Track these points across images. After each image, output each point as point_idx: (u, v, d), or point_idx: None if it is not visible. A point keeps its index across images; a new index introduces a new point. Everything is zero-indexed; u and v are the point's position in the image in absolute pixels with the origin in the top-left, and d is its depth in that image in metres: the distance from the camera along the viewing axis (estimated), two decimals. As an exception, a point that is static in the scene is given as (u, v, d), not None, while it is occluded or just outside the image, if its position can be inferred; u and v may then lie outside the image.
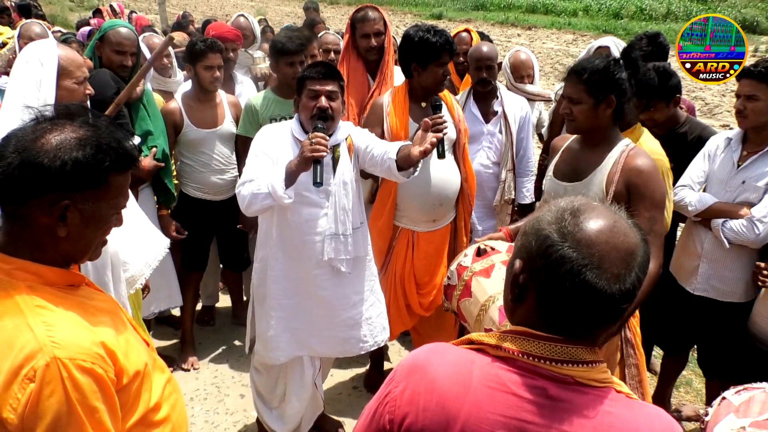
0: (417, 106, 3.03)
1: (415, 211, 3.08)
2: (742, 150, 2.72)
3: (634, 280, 1.02)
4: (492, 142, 3.45)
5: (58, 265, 1.30)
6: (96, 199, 1.26)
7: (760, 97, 2.58)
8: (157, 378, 1.43)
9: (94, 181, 1.24)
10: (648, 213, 2.18)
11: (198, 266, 3.86)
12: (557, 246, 1.02)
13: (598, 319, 1.05)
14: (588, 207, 1.07)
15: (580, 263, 1.00)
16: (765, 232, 2.55)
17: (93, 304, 1.34)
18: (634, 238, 1.05)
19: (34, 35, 4.11)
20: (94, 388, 1.19)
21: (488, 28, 21.60)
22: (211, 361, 3.85)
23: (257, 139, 2.65)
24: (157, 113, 3.45)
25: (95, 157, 1.23)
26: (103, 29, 3.29)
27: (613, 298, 1.01)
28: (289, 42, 3.42)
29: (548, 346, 1.05)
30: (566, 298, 1.02)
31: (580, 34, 19.71)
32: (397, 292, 3.20)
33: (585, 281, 1.00)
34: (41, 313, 1.20)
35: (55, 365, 1.14)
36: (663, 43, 3.56)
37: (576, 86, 2.25)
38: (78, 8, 23.85)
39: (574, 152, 2.42)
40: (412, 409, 1.09)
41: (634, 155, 2.24)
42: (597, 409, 1.03)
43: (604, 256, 1.01)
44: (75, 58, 2.42)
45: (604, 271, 1.00)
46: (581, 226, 1.03)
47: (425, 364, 1.13)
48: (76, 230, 1.26)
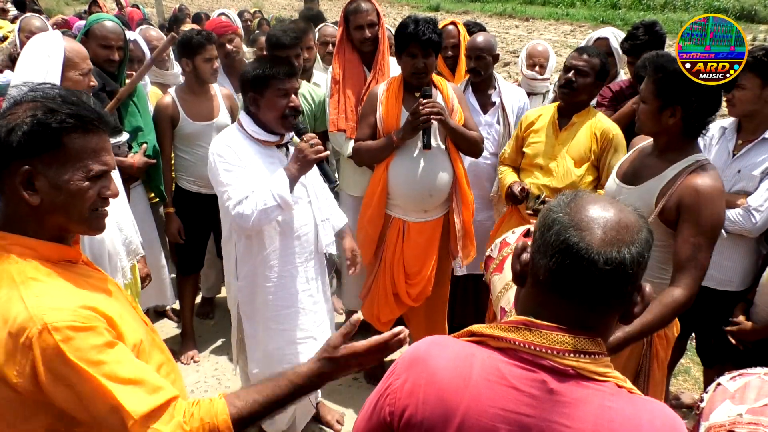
0: (411, 96, 3.04)
1: (405, 201, 3.09)
2: (737, 139, 2.73)
3: (624, 254, 1.00)
4: (490, 133, 3.45)
5: (54, 239, 1.34)
6: (59, 163, 1.28)
7: (747, 86, 2.58)
8: (155, 356, 1.45)
9: (47, 144, 1.26)
10: (694, 239, 1.97)
11: (194, 269, 3.87)
12: (553, 214, 1.06)
13: (587, 294, 1.02)
14: (595, 198, 1.08)
15: (566, 224, 1.03)
16: (762, 221, 2.56)
17: (88, 281, 1.37)
18: (632, 217, 1.05)
19: (35, 29, 4.10)
20: (91, 343, 1.21)
21: (486, 20, 21.53)
22: (212, 353, 3.87)
23: (218, 152, 2.52)
24: (147, 109, 3.44)
25: (45, 120, 1.25)
26: (89, 23, 3.26)
27: (594, 264, 0.99)
28: (284, 36, 3.43)
29: (549, 335, 1.04)
30: (554, 264, 1.03)
31: (577, 24, 19.66)
32: (386, 280, 3.22)
33: (567, 241, 1.01)
34: (33, 285, 1.24)
35: (47, 332, 1.18)
36: (660, 31, 3.56)
37: (647, 83, 2.10)
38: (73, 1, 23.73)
39: (642, 155, 2.27)
40: (412, 402, 1.10)
41: (700, 173, 2.02)
42: (597, 403, 1.02)
43: (593, 221, 1.02)
44: (80, 50, 2.48)
45: (588, 233, 1.01)
46: (580, 202, 1.06)
47: (426, 356, 1.13)
48: (49, 198, 1.28)
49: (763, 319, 2.55)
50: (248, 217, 2.42)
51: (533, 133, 3.09)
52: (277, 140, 2.61)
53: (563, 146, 2.94)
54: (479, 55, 3.37)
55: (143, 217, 3.47)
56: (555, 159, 2.96)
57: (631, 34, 3.54)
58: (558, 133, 2.99)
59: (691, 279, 1.97)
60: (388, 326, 3.43)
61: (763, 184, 2.59)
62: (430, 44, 2.89)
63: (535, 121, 3.10)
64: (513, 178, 3.15)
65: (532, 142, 3.08)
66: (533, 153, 3.06)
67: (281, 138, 2.62)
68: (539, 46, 4.09)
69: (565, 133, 2.97)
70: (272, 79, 2.49)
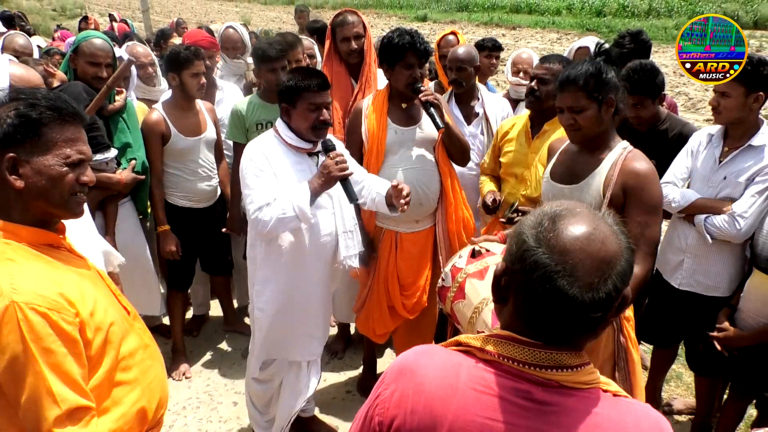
0: (397, 108, 3.06)
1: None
2: (723, 146, 2.75)
3: (609, 290, 1.00)
4: (474, 144, 3.47)
5: (37, 225, 1.48)
6: (39, 151, 1.45)
7: (731, 94, 2.62)
8: (130, 341, 1.58)
9: (27, 133, 1.43)
10: (641, 218, 2.14)
11: (185, 285, 3.86)
12: (532, 251, 1.02)
13: (572, 327, 1.04)
14: (570, 213, 1.05)
15: (552, 270, 0.99)
16: (746, 227, 2.58)
17: (65, 265, 1.50)
18: (614, 247, 1.03)
19: (18, 47, 4.09)
20: (49, 331, 1.34)
21: (473, 29, 21.70)
22: (204, 369, 3.84)
23: (251, 156, 2.60)
24: (137, 125, 3.43)
25: (27, 112, 1.43)
26: (77, 41, 3.26)
27: (584, 306, 0.99)
28: (269, 48, 3.44)
29: (531, 352, 1.05)
30: (539, 303, 1.02)
31: (564, 32, 19.83)
32: (380, 293, 3.22)
33: (556, 288, 0.99)
34: (8, 266, 1.38)
35: (13, 308, 1.32)
36: (645, 40, 3.60)
37: (575, 94, 2.19)
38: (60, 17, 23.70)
39: (571, 154, 2.38)
40: (401, 412, 1.10)
41: (633, 158, 2.20)
42: (583, 410, 1.03)
43: (578, 264, 0.99)
44: (29, 79, 2.27)
45: (576, 279, 0.98)
46: (558, 233, 1.02)
47: (414, 366, 1.14)
48: (33, 182, 1.44)
49: (748, 324, 2.57)
50: (266, 223, 2.49)
51: (507, 142, 3.12)
52: (310, 147, 2.66)
53: (536, 155, 2.96)
54: (460, 66, 3.40)
55: (133, 231, 3.46)
56: (528, 168, 2.99)
57: (617, 43, 3.57)
58: (530, 142, 3.01)
59: (644, 254, 2.13)
60: (384, 338, 3.43)
61: (748, 191, 2.61)
62: (426, 54, 2.94)
63: (510, 130, 3.13)
64: (490, 187, 3.19)
65: (507, 151, 3.11)
66: (508, 162, 3.09)
67: (314, 146, 2.67)
68: (524, 54, 4.16)
69: (537, 141, 2.99)
70: (304, 91, 2.55)
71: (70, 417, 1.34)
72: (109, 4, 33.35)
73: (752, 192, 2.60)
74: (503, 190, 3.14)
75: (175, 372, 3.71)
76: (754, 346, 2.55)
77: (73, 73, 3.24)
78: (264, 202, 2.49)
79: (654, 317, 3.07)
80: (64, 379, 1.35)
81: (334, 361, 3.89)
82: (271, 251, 2.68)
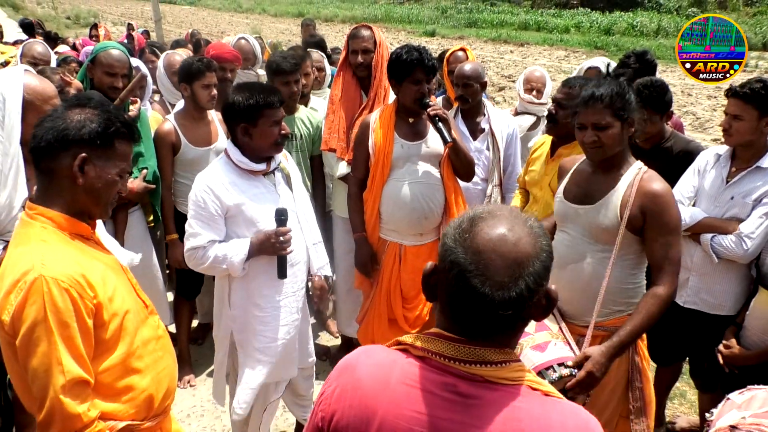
0: (404, 123, 3.10)
1: (399, 224, 3.12)
2: (731, 166, 2.77)
3: (521, 289, 1.03)
4: (480, 159, 3.50)
5: (73, 215, 1.63)
6: (106, 158, 1.63)
7: (744, 117, 2.63)
8: (145, 331, 1.71)
9: (104, 142, 1.61)
10: (663, 239, 2.15)
11: (193, 293, 3.89)
12: (450, 251, 1.07)
13: (488, 324, 1.07)
14: (489, 215, 1.10)
15: (465, 269, 1.04)
16: (753, 247, 2.59)
17: (92, 253, 1.66)
18: (527, 248, 1.06)
19: (37, 54, 4.15)
20: (69, 306, 1.49)
21: (481, 45, 21.84)
22: (209, 377, 3.85)
23: (195, 191, 2.55)
24: (149, 135, 3.47)
25: (105, 124, 1.62)
26: (95, 51, 3.32)
27: (494, 304, 1.03)
28: (284, 62, 3.50)
29: (456, 347, 1.09)
30: (457, 301, 1.07)
31: (572, 50, 19.93)
32: (382, 305, 3.23)
33: (469, 286, 1.03)
34: (42, 246, 1.54)
35: (41, 281, 1.47)
36: (650, 60, 3.64)
37: (601, 111, 2.17)
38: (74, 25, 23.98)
39: (585, 174, 2.36)
40: (340, 407, 1.16)
41: (649, 179, 2.19)
42: (507, 404, 1.06)
43: (489, 263, 1.03)
44: (43, 91, 2.23)
45: (487, 278, 1.03)
46: (473, 234, 1.07)
47: (355, 364, 1.20)
48: (91, 181, 1.61)
49: (753, 343, 2.58)
50: (197, 264, 2.58)
51: (533, 160, 3.16)
52: (263, 169, 2.61)
53: (549, 177, 2.98)
54: (466, 83, 3.44)
55: (142, 239, 3.49)
56: (542, 189, 3.01)
57: (622, 63, 3.61)
58: (548, 164, 3.04)
59: (669, 275, 2.16)
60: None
61: (755, 212, 2.63)
62: (433, 70, 2.99)
63: (538, 148, 3.16)
64: (515, 203, 3.23)
65: (530, 170, 3.16)
66: (529, 180, 3.13)
67: (268, 166, 2.63)
68: (536, 72, 4.19)
69: (552, 164, 3.01)
70: (266, 109, 2.51)
71: (72, 388, 1.49)
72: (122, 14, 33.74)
73: (759, 213, 2.62)
74: (527, 207, 3.17)
75: (180, 380, 3.73)
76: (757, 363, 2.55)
77: (89, 83, 3.30)
78: (199, 244, 2.52)
79: (658, 335, 3.07)
80: (74, 352, 1.49)
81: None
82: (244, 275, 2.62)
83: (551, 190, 2.93)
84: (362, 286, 3.35)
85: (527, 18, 26.99)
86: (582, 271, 2.27)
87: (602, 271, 2.22)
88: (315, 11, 35.19)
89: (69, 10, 30.20)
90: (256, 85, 2.65)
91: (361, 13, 33.32)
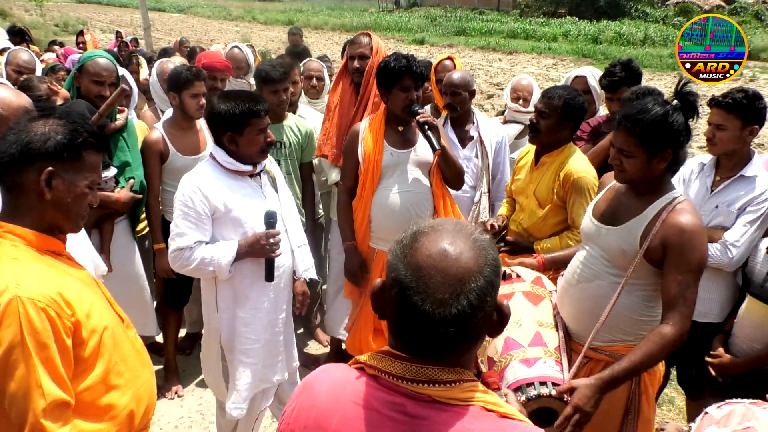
0: (394, 131, 3.12)
1: (388, 233, 3.12)
2: (714, 175, 2.80)
3: (463, 306, 1.00)
4: (468, 167, 3.51)
5: (43, 231, 1.58)
6: (74, 170, 1.58)
7: (727, 127, 2.67)
8: (123, 347, 1.67)
9: (71, 154, 1.56)
10: (681, 277, 1.99)
11: (181, 303, 3.86)
12: (392, 267, 1.06)
13: (432, 342, 1.04)
14: (432, 230, 1.07)
15: (406, 285, 1.02)
16: (738, 255, 2.62)
17: (65, 270, 1.61)
18: (469, 263, 1.03)
19: (22, 62, 4.12)
20: (47, 327, 1.43)
21: (470, 53, 21.97)
22: (196, 388, 3.82)
23: (183, 191, 2.56)
24: (136, 144, 3.46)
25: (72, 135, 1.57)
26: (82, 60, 3.31)
27: (435, 321, 1.00)
28: (272, 71, 3.49)
29: (404, 366, 1.06)
30: (401, 318, 1.05)
31: (560, 58, 20.08)
32: (369, 314, 3.23)
33: (410, 303, 1.01)
34: (15, 265, 1.49)
35: (16, 302, 1.41)
36: (635, 68, 3.68)
37: (627, 138, 2.06)
38: (62, 32, 23.86)
39: (618, 194, 2.26)
40: (298, 426, 1.15)
41: (680, 211, 2.04)
42: (454, 425, 1.02)
43: (429, 280, 1.01)
44: (14, 103, 2.10)
45: (428, 296, 1.00)
46: (414, 249, 1.04)
47: (313, 382, 1.20)
48: (59, 195, 1.56)
49: (741, 350, 2.60)
50: (183, 266, 2.54)
51: (519, 169, 3.17)
52: (250, 170, 2.63)
53: (534, 185, 2.99)
54: (454, 91, 3.45)
55: (128, 250, 3.47)
56: (528, 197, 3.02)
57: (608, 71, 3.64)
58: (533, 172, 3.06)
59: (680, 316, 2.00)
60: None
61: (739, 220, 2.66)
62: (422, 78, 3.00)
63: (523, 157, 3.18)
64: (503, 211, 3.24)
65: (516, 179, 3.16)
66: (515, 189, 3.14)
67: (254, 167, 2.65)
68: (524, 81, 4.21)
69: (536, 172, 3.01)
70: (252, 118, 2.53)
71: (53, 411, 1.44)
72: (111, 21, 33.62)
73: (744, 221, 2.65)
74: (513, 215, 3.16)
75: (168, 391, 3.69)
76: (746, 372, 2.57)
77: (76, 91, 3.28)
78: (185, 245, 2.50)
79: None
80: (53, 374, 1.44)
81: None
82: (231, 277, 2.62)
83: (536, 199, 2.95)
84: (352, 295, 3.34)
85: (516, 26, 27.20)
86: (591, 291, 2.20)
87: (611, 295, 2.13)
88: (305, 19, 35.28)
89: (57, 18, 30.06)
90: (242, 94, 2.64)
91: (351, 21, 33.44)
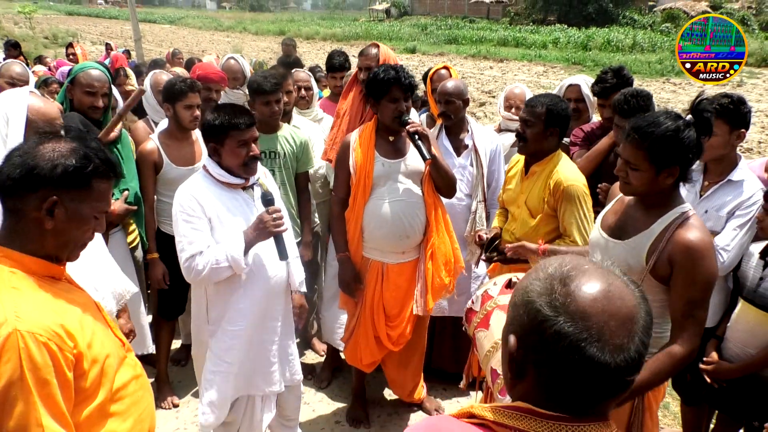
0: (384, 141, 3.14)
1: (381, 243, 3.14)
2: (703, 180, 2.84)
3: (638, 346, 0.94)
4: (463, 175, 3.54)
5: (42, 257, 1.50)
6: (80, 200, 1.49)
7: (716, 133, 2.69)
8: (124, 372, 1.60)
9: (79, 183, 1.48)
10: (690, 295, 1.95)
11: (175, 314, 3.86)
12: (551, 321, 0.94)
13: (605, 393, 0.96)
14: (579, 271, 0.98)
15: (578, 338, 0.92)
16: (729, 260, 2.64)
17: (66, 296, 1.52)
18: (632, 301, 0.97)
19: (15, 74, 4.12)
20: (48, 362, 1.36)
21: (461, 61, 22.09)
22: (192, 399, 3.81)
23: (180, 201, 2.59)
24: (131, 156, 3.46)
25: (81, 162, 1.48)
26: (74, 72, 3.31)
27: (619, 370, 0.92)
28: (264, 82, 3.50)
29: (554, 426, 0.96)
30: (569, 375, 0.94)
31: (550, 65, 20.24)
32: (367, 323, 3.24)
33: (586, 356, 0.92)
34: (13, 294, 1.41)
35: (15, 336, 1.33)
36: (626, 75, 3.72)
37: (636, 151, 2.01)
38: (52, 45, 23.83)
39: (626, 206, 2.22)
40: None
41: (688, 227, 1.99)
42: None
43: (603, 326, 0.92)
44: (47, 112, 2.22)
45: (605, 343, 0.92)
46: (573, 296, 0.95)
47: None
48: (61, 225, 1.48)
49: (735, 355, 2.61)
50: (199, 272, 2.52)
51: (509, 179, 3.19)
52: (242, 183, 2.66)
53: (525, 195, 3.00)
54: (448, 99, 3.48)
55: (123, 262, 3.44)
56: (519, 207, 3.04)
57: (600, 78, 3.69)
58: (523, 181, 3.07)
59: (689, 335, 1.96)
60: (371, 368, 3.45)
61: (729, 224, 2.69)
62: (411, 88, 3.03)
63: (513, 167, 3.20)
64: (495, 223, 3.27)
65: (507, 188, 3.18)
66: (506, 198, 3.16)
67: (247, 180, 2.67)
68: (516, 89, 4.25)
69: (526, 181, 3.02)
70: (231, 130, 2.56)
71: None
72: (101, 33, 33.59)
73: (733, 225, 2.68)
74: (506, 225, 3.17)
75: (163, 401, 3.68)
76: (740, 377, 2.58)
77: (69, 104, 3.28)
78: (196, 251, 2.51)
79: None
80: (54, 411, 1.37)
81: (323, 390, 3.88)
82: (222, 288, 2.64)
83: (528, 208, 2.97)
84: (346, 306, 3.35)
85: (506, 34, 27.43)
86: None
87: None
88: (296, 29, 35.39)
89: (47, 30, 30.03)
90: (227, 107, 2.67)
91: (342, 31, 33.59)
